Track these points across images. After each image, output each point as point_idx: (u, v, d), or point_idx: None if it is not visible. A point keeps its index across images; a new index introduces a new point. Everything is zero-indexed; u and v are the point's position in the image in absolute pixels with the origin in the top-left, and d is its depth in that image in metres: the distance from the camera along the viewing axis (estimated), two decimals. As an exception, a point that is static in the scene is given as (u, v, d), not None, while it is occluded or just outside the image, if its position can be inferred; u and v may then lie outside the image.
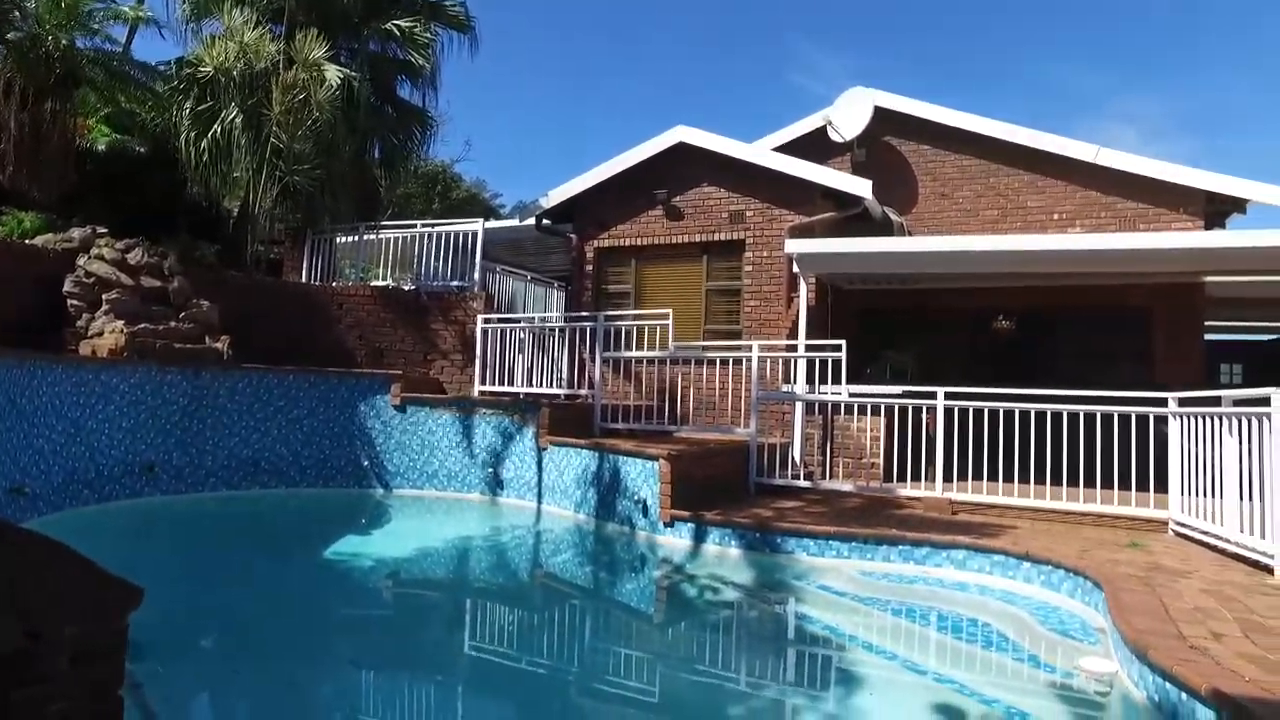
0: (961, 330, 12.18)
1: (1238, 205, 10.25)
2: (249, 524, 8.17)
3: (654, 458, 6.95)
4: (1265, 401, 5.02)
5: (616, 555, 7.17)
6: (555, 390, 9.79)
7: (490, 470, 9.03)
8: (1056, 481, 7.07)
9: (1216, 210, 10.39)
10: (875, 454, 8.50)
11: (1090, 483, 6.89)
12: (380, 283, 11.77)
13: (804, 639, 5.17)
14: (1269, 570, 4.98)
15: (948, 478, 7.45)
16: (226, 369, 8.66)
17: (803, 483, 8.11)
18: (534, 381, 9.87)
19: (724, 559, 6.43)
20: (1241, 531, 5.39)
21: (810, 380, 9.17)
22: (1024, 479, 7.21)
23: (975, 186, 11.63)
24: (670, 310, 9.19)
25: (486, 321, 10.18)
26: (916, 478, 7.67)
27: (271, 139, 9.85)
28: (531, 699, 4.10)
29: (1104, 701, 3.81)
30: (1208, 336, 14.40)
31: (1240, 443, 5.41)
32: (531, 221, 12.43)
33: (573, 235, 12.23)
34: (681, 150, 11.11)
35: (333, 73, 10.17)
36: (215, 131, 10.20)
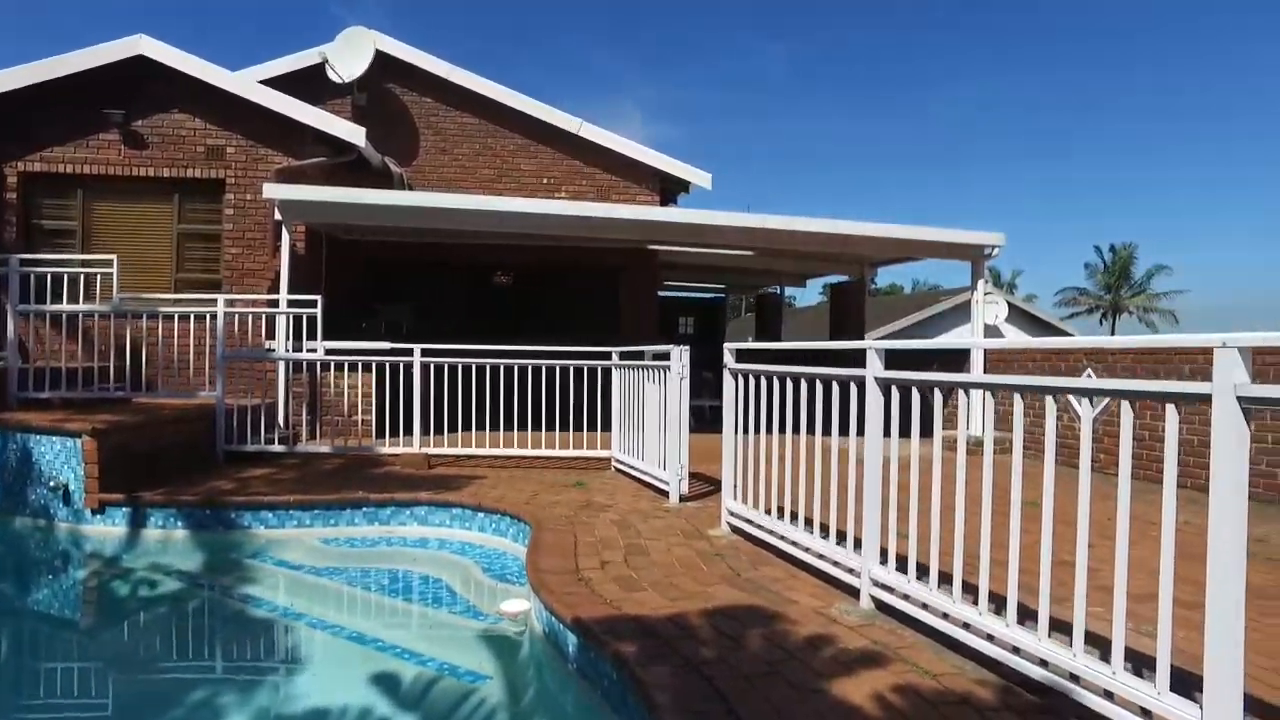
0: (464, 284, 12.58)
1: (683, 186, 12.16)
2: None
3: (76, 434, 5.80)
4: (666, 356, 5.97)
5: (29, 556, 5.87)
6: (-39, 353, 7.68)
7: None
8: (524, 428, 7.63)
9: (669, 188, 12.20)
10: (360, 413, 8.31)
11: (553, 428, 7.60)
12: None
13: (249, 624, 4.76)
14: (667, 495, 6.00)
15: (425, 432, 7.60)
16: None
17: (278, 447, 7.54)
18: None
19: (169, 543, 5.66)
20: (657, 466, 6.39)
21: (297, 336, 8.58)
22: (495, 428, 7.65)
23: (474, 145, 11.96)
24: (115, 256, 7.77)
25: None
26: (402, 434, 7.69)
27: None
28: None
29: (520, 640, 4.15)
30: (668, 294, 17.08)
31: (659, 390, 6.38)
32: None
33: (-15, 153, 9.64)
34: (145, 66, 9.38)
35: None
36: None
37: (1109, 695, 2.43)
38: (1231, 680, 2.04)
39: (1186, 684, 2.31)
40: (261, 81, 10.31)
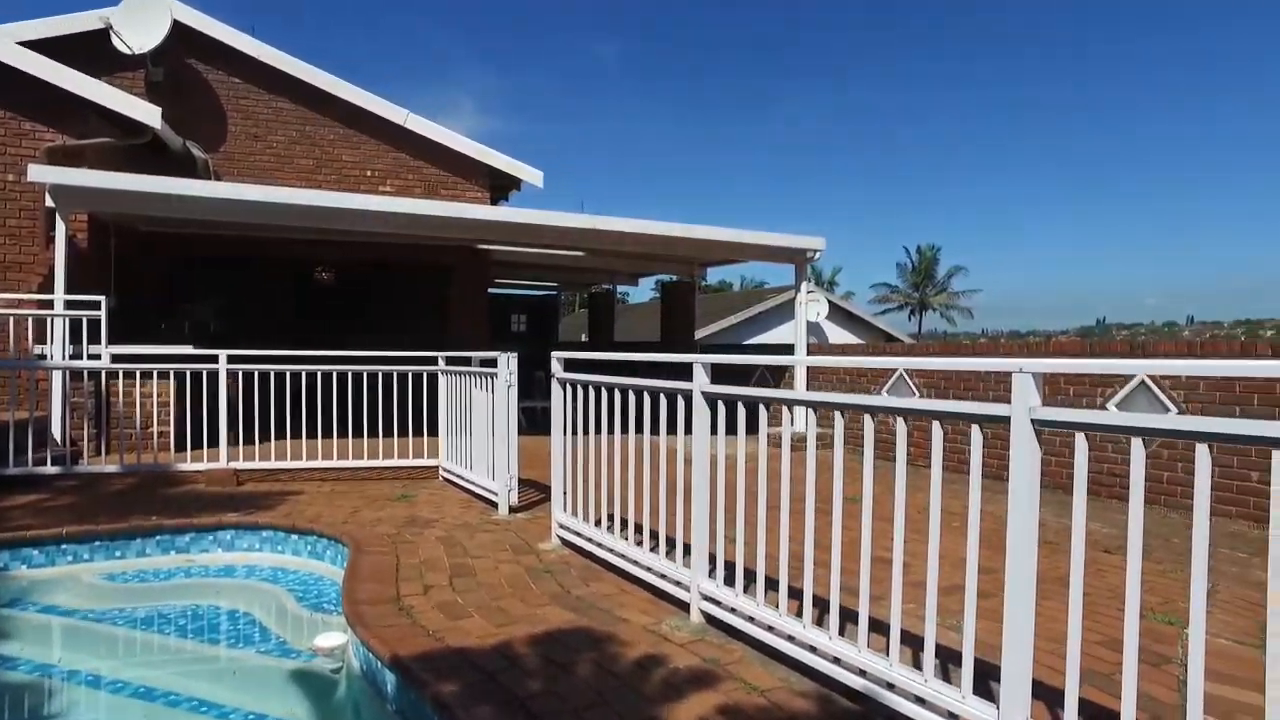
0: (283, 280, 11.72)
1: (515, 183, 11.88)
2: None
3: None
4: (494, 362, 5.76)
5: None
6: None
7: None
8: (344, 436, 7.12)
9: (500, 184, 11.88)
10: (155, 425, 7.50)
11: (377, 436, 7.16)
12: None
13: (3, 691, 4.10)
14: (496, 506, 5.81)
15: (235, 444, 6.96)
16: None
17: (51, 468, 6.59)
18: None
19: (-107, 597, 4.80)
20: (486, 475, 6.16)
21: (79, 339, 7.62)
22: (314, 436, 7.10)
23: (290, 132, 11.12)
24: None
25: None
26: (207, 446, 7.00)
27: None
28: None
29: (337, 679, 3.82)
30: (500, 292, 16.76)
31: (487, 397, 6.15)
32: None
33: None
34: None
35: None
36: None
37: (921, 701, 2.53)
38: (1021, 680, 2.20)
39: (987, 677, 2.46)
40: (27, 43, 9.04)
